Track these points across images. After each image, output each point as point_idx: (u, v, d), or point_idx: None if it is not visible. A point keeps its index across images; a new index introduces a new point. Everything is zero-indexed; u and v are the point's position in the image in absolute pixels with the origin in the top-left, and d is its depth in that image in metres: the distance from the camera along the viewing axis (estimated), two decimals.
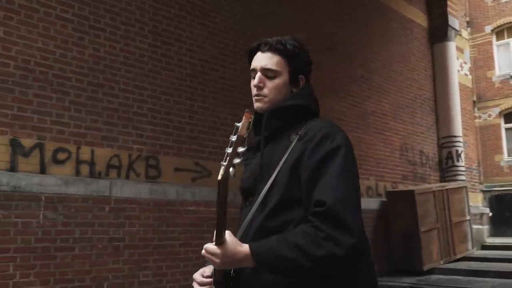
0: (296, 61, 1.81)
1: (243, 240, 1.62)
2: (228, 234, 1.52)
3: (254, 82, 1.79)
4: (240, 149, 1.46)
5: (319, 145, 1.62)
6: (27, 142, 4.88)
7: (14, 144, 4.78)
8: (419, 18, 11.74)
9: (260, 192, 1.68)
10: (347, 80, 9.23)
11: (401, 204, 9.18)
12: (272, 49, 1.81)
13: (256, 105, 1.82)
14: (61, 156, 5.11)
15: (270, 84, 1.79)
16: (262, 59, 1.80)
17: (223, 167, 1.47)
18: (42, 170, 4.94)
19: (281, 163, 1.67)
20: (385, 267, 8.79)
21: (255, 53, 1.84)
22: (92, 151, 5.38)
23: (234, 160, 1.46)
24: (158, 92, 6.09)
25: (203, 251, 1.55)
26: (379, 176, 9.59)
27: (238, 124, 1.49)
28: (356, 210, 1.54)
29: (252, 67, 1.82)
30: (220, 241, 1.50)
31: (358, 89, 9.47)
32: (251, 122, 1.51)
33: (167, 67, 6.23)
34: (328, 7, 8.98)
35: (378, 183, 9.54)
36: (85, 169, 5.29)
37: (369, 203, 9.04)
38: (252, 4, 7.53)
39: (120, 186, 5.47)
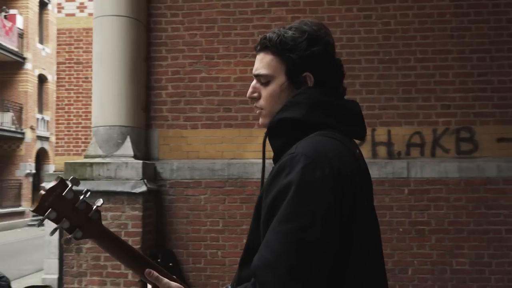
0: (293, 56, 1.37)
1: None
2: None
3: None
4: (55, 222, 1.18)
5: (274, 181, 1.23)
6: None
7: None
8: None
9: None
10: None
11: None
12: (262, 47, 1.48)
13: (259, 120, 1.54)
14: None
15: (264, 92, 1.42)
16: (255, 63, 1.43)
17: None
18: None
19: None
20: None
21: None
22: (389, 131, 5.19)
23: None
24: (468, 52, 5.19)
25: None
26: None
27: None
28: (286, 277, 1.13)
29: None
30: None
31: None
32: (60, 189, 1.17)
33: (478, 19, 5.19)
34: None
35: None
36: (382, 150, 5.18)
37: None
38: None
39: (419, 167, 5.07)
